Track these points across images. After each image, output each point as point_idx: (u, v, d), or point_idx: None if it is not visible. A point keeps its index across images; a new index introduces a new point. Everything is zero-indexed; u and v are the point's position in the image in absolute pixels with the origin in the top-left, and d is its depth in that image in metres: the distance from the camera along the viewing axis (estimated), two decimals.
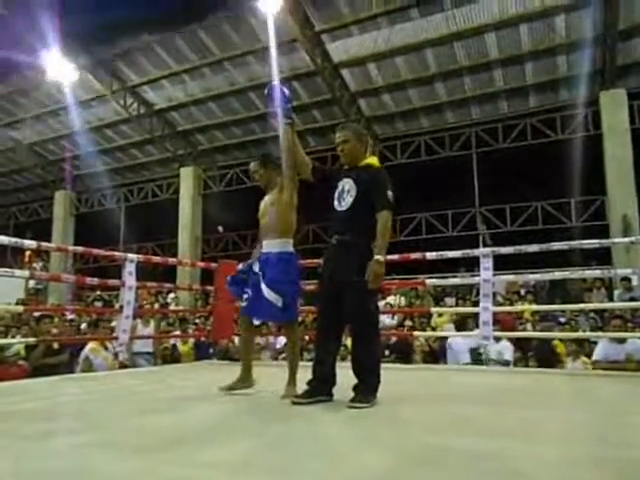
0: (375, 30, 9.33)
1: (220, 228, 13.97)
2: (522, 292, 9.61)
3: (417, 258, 5.46)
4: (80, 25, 9.48)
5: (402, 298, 9.22)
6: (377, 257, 2.51)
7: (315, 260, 4.60)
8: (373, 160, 2.86)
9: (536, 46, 9.24)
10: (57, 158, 14.69)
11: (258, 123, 12.05)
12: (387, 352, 6.45)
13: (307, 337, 6.86)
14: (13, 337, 6.40)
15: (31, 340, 5.26)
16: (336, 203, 2.73)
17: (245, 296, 2.85)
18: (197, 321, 8.10)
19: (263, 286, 2.75)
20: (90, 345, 5.44)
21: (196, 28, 9.90)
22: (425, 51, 9.70)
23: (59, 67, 10.35)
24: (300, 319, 8.65)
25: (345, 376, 2.66)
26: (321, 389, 2.62)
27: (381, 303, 9.08)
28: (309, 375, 2.68)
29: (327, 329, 2.72)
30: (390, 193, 2.61)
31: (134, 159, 14.42)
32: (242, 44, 10.09)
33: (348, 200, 2.66)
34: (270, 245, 2.92)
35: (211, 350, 6.49)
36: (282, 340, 7.04)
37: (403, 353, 6.27)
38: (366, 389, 2.54)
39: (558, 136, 10.43)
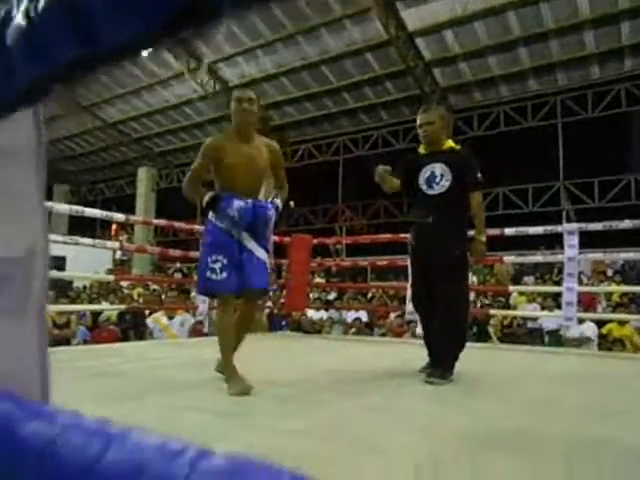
0: None
1: (291, 203, 14.16)
2: (609, 273, 9.00)
3: (494, 234, 5.24)
4: None
5: (474, 277, 8.95)
6: (480, 237, 2.70)
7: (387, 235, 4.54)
8: (453, 144, 2.91)
9: (634, 1, 8.37)
10: (139, 136, 15.45)
11: (331, 97, 11.95)
12: None
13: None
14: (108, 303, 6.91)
15: (121, 307, 5.67)
16: (425, 187, 2.77)
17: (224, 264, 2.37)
18: (270, 294, 8.33)
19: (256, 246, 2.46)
20: (153, 315, 5.66)
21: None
22: (507, 14, 9.08)
23: None
24: (370, 294, 8.69)
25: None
26: None
27: None
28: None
29: (425, 306, 2.80)
30: (480, 175, 2.74)
31: (210, 136, 14.84)
32: (314, 16, 9.97)
33: (444, 184, 2.72)
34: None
35: (283, 322, 6.66)
36: (352, 314, 7.09)
37: (477, 331, 6.12)
38: (445, 366, 2.56)
39: None
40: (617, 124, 9.77)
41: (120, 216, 4.44)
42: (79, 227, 13.75)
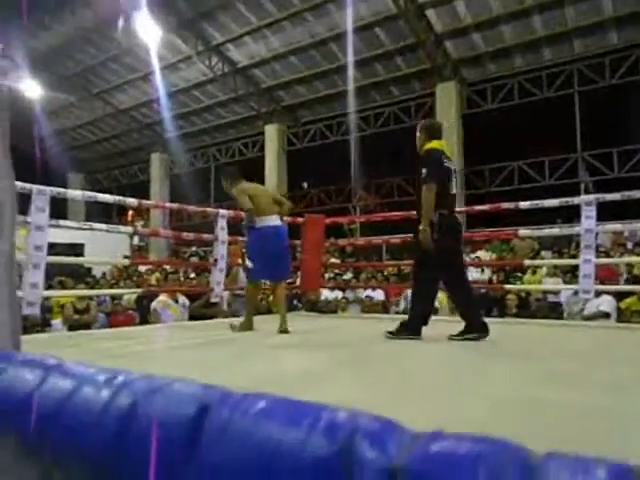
0: None
1: (305, 184, 14.11)
2: (629, 245, 8.82)
3: (509, 208, 5.17)
4: None
5: (492, 254, 8.85)
6: (420, 226, 3.19)
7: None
8: (429, 145, 3.34)
9: None
10: (151, 122, 15.47)
11: (340, 75, 11.77)
12: None
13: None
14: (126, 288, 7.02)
15: (138, 290, 5.74)
16: (451, 186, 3.37)
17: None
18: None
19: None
20: (159, 298, 5.69)
21: None
22: None
23: (148, 29, 10.68)
24: (385, 273, 8.68)
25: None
26: None
27: (469, 257, 8.80)
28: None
29: None
30: (425, 170, 3.21)
31: (221, 119, 14.82)
32: None
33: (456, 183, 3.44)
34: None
35: (295, 302, 6.70)
36: (368, 292, 7.11)
37: (493, 307, 6.08)
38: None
39: None
40: (636, 91, 9.45)
41: (132, 201, 4.46)
42: (96, 215, 13.92)
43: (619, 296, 5.53)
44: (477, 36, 10.09)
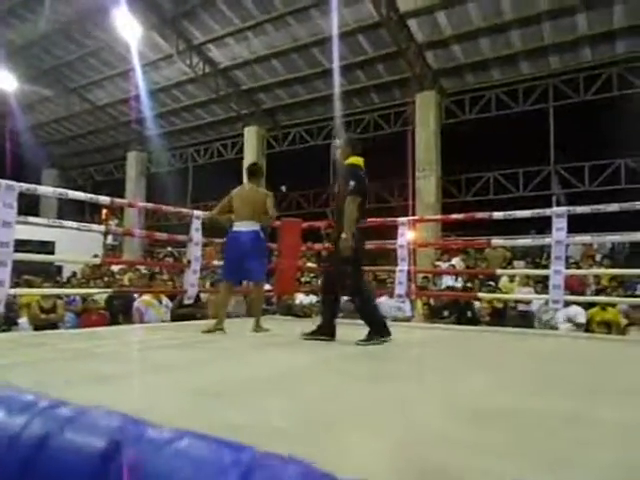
0: None
1: (283, 188, 14.08)
2: (598, 257, 9.05)
3: (483, 218, 5.25)
4: None
5: (461, 263, 8.95)
6: (342, 235, 3.35)
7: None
8: (353, 159, 3.59)
9: None
10: (128, 119, 15.24)
11: (322, 80, 11.81)
12: (446, 312, 6.36)
13: None
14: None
15: (109, 290, 5.63)
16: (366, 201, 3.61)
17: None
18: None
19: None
20: (142, 297, 5.64)
21: None
22: None
23: (128, 26, 10.55)
24: None
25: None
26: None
27: (444, 265, 8.89)
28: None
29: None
30: (352, 183, 3.41)
31: (200, 119, 14.71)
32: None
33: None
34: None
35: (266, 305, 6.66)
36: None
37: (463, 314, 6.15)
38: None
39: None
40: (608, 108, 9.73)
41: (105, 199, 4.37)
42: (69, 212, 13.63)
43: (587, 306, 5.66)
44: (457, 48, 10.26)
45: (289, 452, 0.46)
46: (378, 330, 3.40)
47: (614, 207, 4.47)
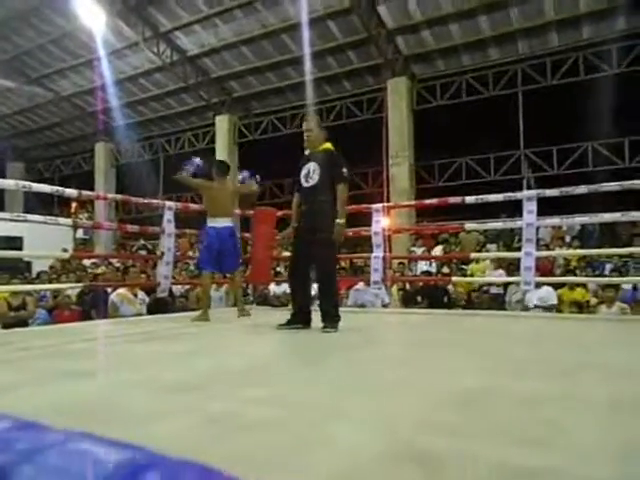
0: None
1: (257, 177, 13.93)
2: (567, 239, 9.29)
3: (456, 202, 5.30)
4: None
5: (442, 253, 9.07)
6: (339, 221, 3.36)
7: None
8: (329, 145, 3.62)
9: None
10: (95, 110, 14.83)
11: (293, 67, 11.68)
12: (419, 298, 6.44)
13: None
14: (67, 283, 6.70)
15: (80, 285, 5.50)
16: (303, 181, 3.59)
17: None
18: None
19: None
20: (118, 291, 5.55)
21: None
22: None
23: (90, 13, 10.21)
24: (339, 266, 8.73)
25: None
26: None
27: (419, 250, 8.98)
28: None
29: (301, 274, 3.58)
30: (345, 170, 3.46)
31: (170, 109, 14.41)
32: None
33: (315, 178, 3.49)
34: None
35: (244, 296, 6.61)
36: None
37: (437, 298, 6.23)
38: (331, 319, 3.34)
39: (614, 70, 9.65)
40: (575, 92, 9.91)
41: (72, 191, 4.23)
42: (36, 206, 13.25)
43: (556, 287, 5.80)
44: (427, 33, 10.27)
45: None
46: (337, 313, 3.39)
47: (582, 189, 4.57)
